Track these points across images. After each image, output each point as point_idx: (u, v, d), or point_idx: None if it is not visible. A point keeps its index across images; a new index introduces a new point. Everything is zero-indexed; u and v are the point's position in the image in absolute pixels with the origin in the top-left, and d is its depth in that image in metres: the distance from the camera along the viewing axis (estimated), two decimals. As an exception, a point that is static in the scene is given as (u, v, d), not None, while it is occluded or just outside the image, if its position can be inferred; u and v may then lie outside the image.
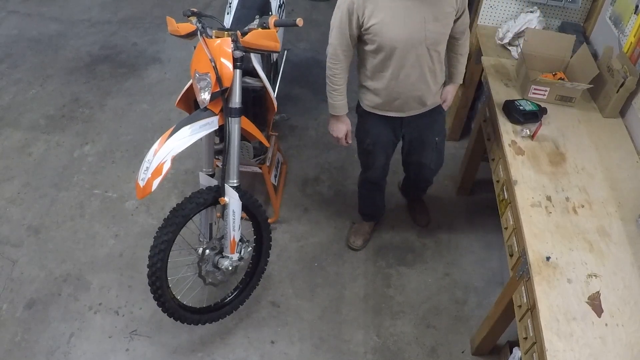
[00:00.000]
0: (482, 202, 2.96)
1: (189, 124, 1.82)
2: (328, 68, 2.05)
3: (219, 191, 1.97)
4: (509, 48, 2.66)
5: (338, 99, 2.10)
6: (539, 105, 2.21)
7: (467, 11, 2.04)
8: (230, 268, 2.11)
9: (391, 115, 2.16)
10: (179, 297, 2.12)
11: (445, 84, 2.24)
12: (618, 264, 1.73)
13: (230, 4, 2.70)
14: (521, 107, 2.19)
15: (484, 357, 2.32)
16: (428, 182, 2.66)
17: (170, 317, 2.07)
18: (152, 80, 3.63)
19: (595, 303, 1.62)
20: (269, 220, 2.30)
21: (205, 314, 2.21)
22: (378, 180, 2.52)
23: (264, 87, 2.23)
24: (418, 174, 2.56)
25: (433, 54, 1.99)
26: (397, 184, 2.97)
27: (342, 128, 2.19)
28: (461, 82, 2.28)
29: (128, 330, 2.31)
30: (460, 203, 2.98)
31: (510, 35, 2.63)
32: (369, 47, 1.95)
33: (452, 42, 2.13)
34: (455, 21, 2.01)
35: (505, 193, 2.12)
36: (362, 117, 2.24)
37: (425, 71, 2.03)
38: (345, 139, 2.23)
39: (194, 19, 1.88)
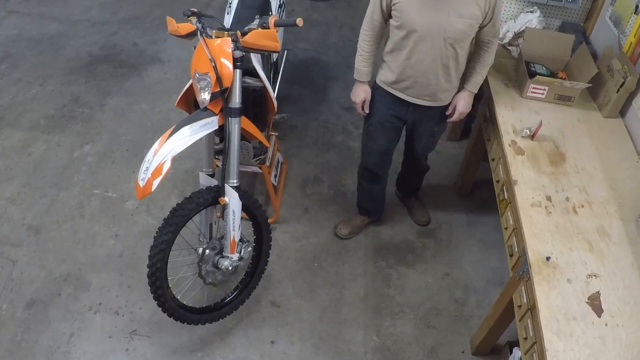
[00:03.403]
0: (482, 202, 2.96)
1: (189, 124, 1.82)
2: (360, 34, 2.15)
3: (219, 191, 1.97)
4: (509, 48, 2.66)
5: (362, 65, 2.19)
6: None
7: (497, 23, 2.04)
8: (230, 268, 2.11)
9: (399, 97, 2.19)
10: (179, 297, 2.12)
11: (459, 90, 2.24)
12: (618, 264, 1.73)
13: (230, 4, 2.70)
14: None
15: (484, 357, 2.32)
16: (420, 167, 2.67)
17: (170, 317, 2.07)
18: (152, 80, 3.63)
19: (595, 303, 1.62)
20: (269, 220, 2.30)
21: (205, 314, 2.21)
22: (375, 168, 2.52)
23: (264, 87, 2.23)
24: (409, 157, 2.62)
25: (449, 50, 2.00)
26: (394, 187, 2.97)
27: (360, 94, 2.25)
28: (475, 92, 2.23)
29: (128, 330, 2.31)
30: (460, 203, 2.98)
31: (510, 35, 2.64)
32: (394, 23, 2.03)
33: (477, 49, 2.14)
34: (482, 27, 2.02)
35: (505, 193, 2.12)
36: (374, 93, 2.27)
37: (437, 64, 2.04)
38: (363, 107, 2.28)
39: (194, 19, 1.88)
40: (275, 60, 2.89)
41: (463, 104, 2.22)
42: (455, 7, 1.91)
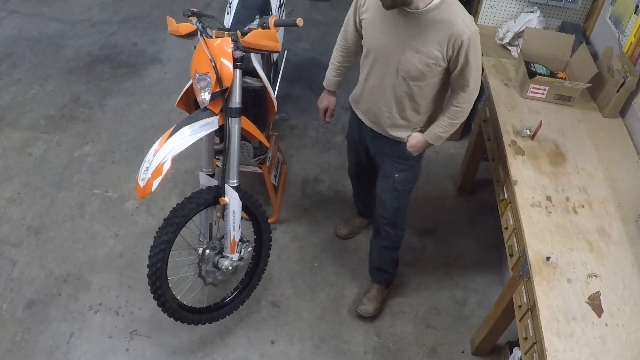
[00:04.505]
0: (482, 202, 2.96)
1: (189, 124, 1.82)
2: (336, 43, 2.11)
3: (219, 191, 1.97)
4: (509, 48, 2.66)
5: (331, 73, 2.17)
6: None
7: (468, 75, 1.79)
8: (230, 268, 2.11)
9: (360, 118, 2.10)
10: (179, 297, 2.12)
11: (417, 129, 2.00)
12: (618, 264, 1.73)
13: (230, 4, 2.70)
14: None
15: (484, 357, 2.32)
16: (384, 226, 2.25)
17: (170, 317, 2.07)
18: (152, 80, 3.63)
19: (595, 303, 1.62)
20: (269, 220, 2.30)
21: (205, 314, 2.21)
22: (354, 178, 2.55)
23: (264, 87, 2.23)
24: (377, 204, 2.25)
25: (403, 84, 1.85)
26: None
27: (323, 100, 2.24)
28: (432, 143, 1.99)
29: (128, 330, 2.31)
30: (460, 203, 2.98)
31: (510, 35, 2.63)
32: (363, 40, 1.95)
33: (450, 97, 1.92)
34: (451, 72, 1.81)
35: (505, 193, 2.12)
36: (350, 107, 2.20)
37: (389, 95, 1.91)
38: (325, 114, 2.25)
39: (194, 19, 1.88)
40: (275, 60, 2.89)
41: (412, 140, 2.00)
42: (414, 40, 1.75)
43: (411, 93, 1.88)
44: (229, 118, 1.92)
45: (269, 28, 1.90)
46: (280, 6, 3.05)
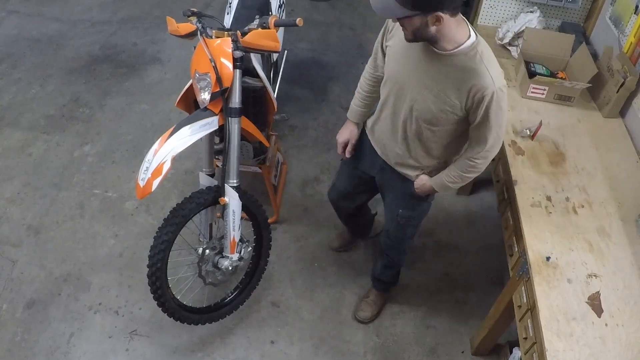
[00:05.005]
0: (482, 202, 2.96)
1: (189, 124, 1.82)
2: (364, 71, 1.97)
3: (219, 191, 1.97)
4: (509, 48, 2.67)
5: (355, 103, 1.99)
6: None
7: (486, 131, 1.62)
8: (230, 268, 2.11)
9: (372, 145, 1.96)
10: (179, 297, 2.12)
11: (427, 171, 1.87)
12: (618, 264, 1.73)
13: (230, 4, 2.70)
14: None
15: (484, 357, 2.32)
16: (387, 248, 2.23)
17: (170, 317, 2.07)
18: (152, 80, 3.63)
19: (595, 303, 1.62)
20: (269, 220, 2.30)
21: (205, 314, 2.21)
22: (334, 202, 2.34)
23: (264, 87, 2.23)
24: (384, 227, 2.21)
25: (415, 124, 1.71)
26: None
27: (344, 132, 2.02)
28: (436, 191, 1.88)
29: (128, 330, 2.31)
30: (460, 203, 2.98)
31: (510, 35, 2.64)
32: None
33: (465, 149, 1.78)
34: (468, 123, 1.67)
35: (505, 193, 2.12)
36: (361, 131, 2.05)
37: (398, 131, 1.78)
38: (344, 148, 2.03)
39: (194, 19, 1.88)
40: (275, 60, 2.89)
41: (419, 181, 1.88)
42: (433, 81, 1.60)
43: (422, 135, 1.74)
44: (229, 118, 1.92)
45: (269, 28, 1.90)
46: (280, 6, 3.05)
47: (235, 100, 1.93)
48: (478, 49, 1.54)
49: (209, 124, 1.86)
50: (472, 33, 1.55)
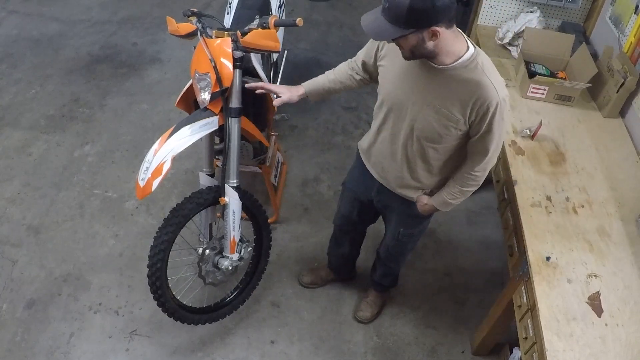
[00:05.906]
0: (482, 202, 2.96)
1: (189, 124, 1.82)
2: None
3: (219, 191, 1.97)
4: (509, 48, 2.67)
5: (320, 76, 1.99)
6: None
7: (488, 142, 1.60)
8: (230, 268, 2.11)
9: (368, 170, 1.92)
10: (179, 297, 2.12)
11: (428, 190, 1.85)
12: (618, 264, 1.73)
13: (230, 4, 2.70)
14: None
15: (484, 357, 2.32)
16: (386, 262, 2.26)
17: (170, 317, 2.07)
18: (152, 80, 3.63)
19: (595, 303, 1.62)
20: (269, 220, 2.30)
21: (205, 314, 2.21)
22: (339, 227, 2.28)
23: (264, 87, 2.23)
24: (383, 239, 2.22)
25: (416, 144, 1.68)
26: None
27: (288, 92, 1.98)
28: (439, 209, 1.86)
29: (128, 330, 2.31)
30: (460, 203, 2.97)
31: (510, 35, 2.64)
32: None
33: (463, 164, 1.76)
34: (470, 137, 1.64)
35: (505, 193, 2.12)
36: (356, 156, 2.01)
37: (399, 153, 1.74)
38: (275, 96, 1.95)
39: (194, 19, 1.88)
40: (275, 60, 2.89)
41: (420, 201, 1.86)
42: (434, 98, 1.56)
43: (425, 154, 1.71)
44: (229, 118, 1.92)
45: (269, 28, 1.90)
46: (280, 6, 3.05)
47: (235, 100, 1.93)
48: (478, 60, 1.52)
49: (209, 124, 1.86)
50: (470, 45, 1.53)
